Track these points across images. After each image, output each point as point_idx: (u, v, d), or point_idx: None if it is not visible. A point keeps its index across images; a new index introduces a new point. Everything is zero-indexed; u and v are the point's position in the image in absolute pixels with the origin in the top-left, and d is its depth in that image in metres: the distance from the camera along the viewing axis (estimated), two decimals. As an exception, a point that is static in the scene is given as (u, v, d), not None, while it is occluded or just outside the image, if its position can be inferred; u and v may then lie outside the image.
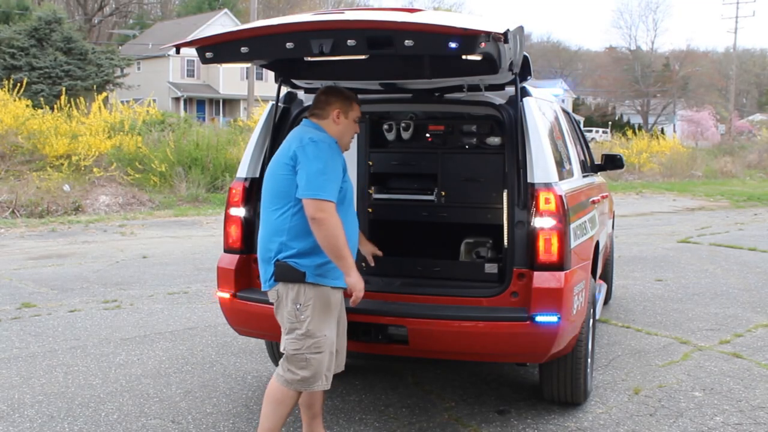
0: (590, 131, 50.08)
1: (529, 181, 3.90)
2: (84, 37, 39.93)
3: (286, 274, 3.44)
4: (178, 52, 3.70)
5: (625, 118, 67.59)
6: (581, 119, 53.49)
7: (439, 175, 4.85)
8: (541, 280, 3.79)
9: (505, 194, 4.06)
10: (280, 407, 3.50)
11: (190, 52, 3.77)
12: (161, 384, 4.93)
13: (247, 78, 38.98)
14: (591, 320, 4.51)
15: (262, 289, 3.62)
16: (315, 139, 3.44)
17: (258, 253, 3.61)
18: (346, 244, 3.36)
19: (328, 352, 3.46)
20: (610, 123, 58.07)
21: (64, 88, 23.62)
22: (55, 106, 19.21)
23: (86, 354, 5.58)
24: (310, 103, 4.48)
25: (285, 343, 3.47)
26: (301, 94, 4.58)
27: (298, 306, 3.42)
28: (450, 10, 48.79)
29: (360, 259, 4.11)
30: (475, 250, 4.63)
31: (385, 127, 5.03)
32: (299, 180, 3.38)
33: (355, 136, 3.82)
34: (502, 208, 4.12)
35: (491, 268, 4.23)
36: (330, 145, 3.47)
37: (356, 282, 3.43)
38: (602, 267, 6.02)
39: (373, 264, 4.19)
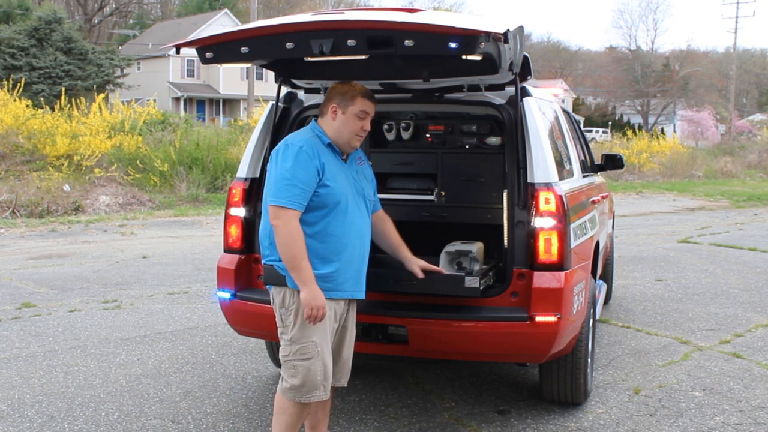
0: (590, 131, 50.11)
1: (529, 181, 3.90)
2: (84, 37, 39.96)
3: (271, 277, 3.38)
4: (178, 52, 3.69)
5: (625, 118, 67.61)
6: (581, 119, 53.48)
7: (439, 175, 4.85)
8: (541, 280, 3.79)
9: (505, 194, 4.05)
10: (282, 416, 3.40)
11: (190, 52, 3.77)
12: (161, 384, 4.93)
13: (247, 78, 38.99)
14: (591, 320, 4.50)
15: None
16: (288, 142, 3.36)
17: None
18: (301, 255, 3.20)
19: (319, 360, 3.30)
20: (610, 123, 58.13)
21: (64, 88, 23.63)
22: (56, 106, 19.22)
23: (86, 354, 5.58)
24: (309, 103, 4.51)
25: (280, 349, 3.43)
26: (301, 94, 4.58)
27: (283, 310, 3.35)
28: (450, 10, 48.76)
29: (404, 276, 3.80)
30: (456, 261, 4.23)
31: (385, 127, 5.03)
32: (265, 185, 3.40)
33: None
34: (502, 208, 4.11)
35: (472, 282, 3.77)
36: (301, 148, 3.29)
37: (307, 298, 3.19)
38: (602, 267, 6.02)
39: (422, 276, 3.77)
